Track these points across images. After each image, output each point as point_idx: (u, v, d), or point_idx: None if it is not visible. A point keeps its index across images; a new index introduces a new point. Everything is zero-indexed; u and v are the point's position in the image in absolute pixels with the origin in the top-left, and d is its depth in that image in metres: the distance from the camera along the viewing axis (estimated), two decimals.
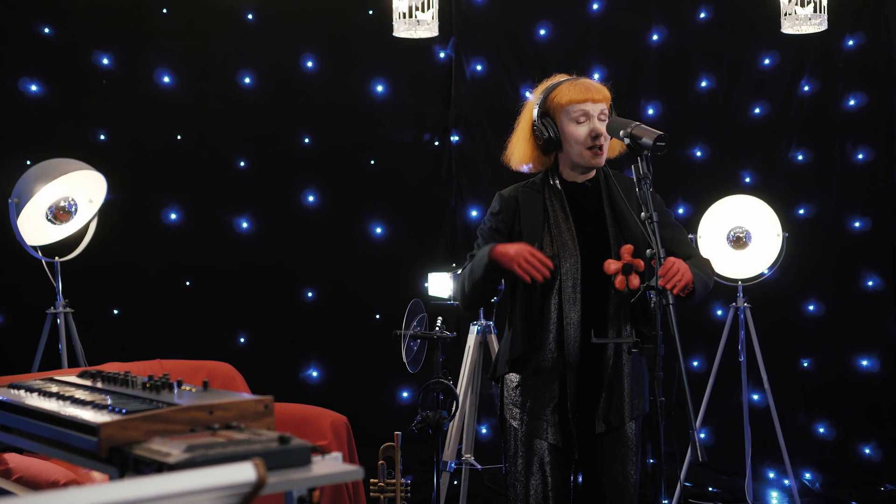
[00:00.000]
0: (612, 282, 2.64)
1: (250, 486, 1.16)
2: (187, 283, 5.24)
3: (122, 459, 1.47)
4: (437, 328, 4.02)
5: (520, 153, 2.96)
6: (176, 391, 1.72)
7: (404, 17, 4.41)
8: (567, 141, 2.84)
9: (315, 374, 5.40)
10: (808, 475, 5.36)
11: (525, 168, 3.04)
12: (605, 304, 2.75)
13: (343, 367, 5.41)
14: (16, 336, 4.85)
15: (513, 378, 2.84)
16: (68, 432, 1.57)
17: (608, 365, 2.75)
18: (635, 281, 2.60)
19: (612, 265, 2.62)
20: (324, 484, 1.38)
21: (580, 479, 2.84)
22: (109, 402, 1.62)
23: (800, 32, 4.41)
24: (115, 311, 5.11)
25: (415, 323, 3.89)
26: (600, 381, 2.76)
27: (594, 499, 2.80)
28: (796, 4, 4.35)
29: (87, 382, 1.88)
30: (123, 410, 1.55)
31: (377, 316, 5.49)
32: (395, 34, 4.42)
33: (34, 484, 2.95)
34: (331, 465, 1.42)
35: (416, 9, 4.43)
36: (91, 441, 1.50)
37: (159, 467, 1.37)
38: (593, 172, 2.90)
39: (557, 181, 2.89)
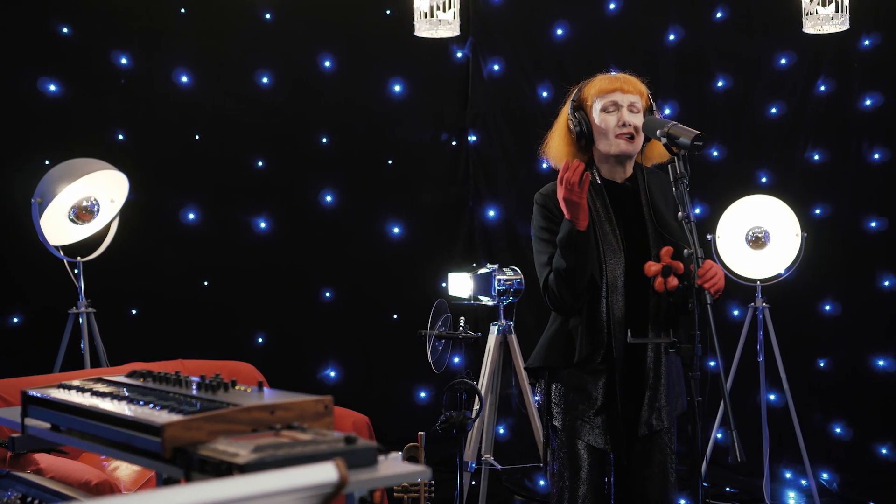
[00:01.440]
0: (651, 283, 2.64)
1: (332, 486, 1.16)
2: (205, 284, 5.23)
3: (186, 460, 1.46)
4: (461, 328, 4.02)
5: (555, 148, 2.97)
6: (231, 391, 1.72)
7: (426, 16, 4.41)
8: (597, 131, 2.85)
9: (333, 374, 5.39)
10: (825, 475, 5.36)
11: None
12: (646, 303, 2.76)
13: (361, 368, 5.40)
14: (34, 336, 4.84)
15: (554, 377, 2.84)
16: (128, 432, 1.56)
17: (649, 365, 2.75)
18: (674, 283, 2.60)
19: (652, 267, 2.62)
20: (393, 484, 1.38)
21: (621, 479, 2.84)
22: (168, 402, 1.62)
23: (821, 32, 4.41)
24: (133, 311, 5.11)
25: (439, 323, 3.89)
26: (642, 383, 2.76)
27: (636, 500, 2.80)
28: (818, 4, 4.35)
29: (138, 382, 1.88)
30: (185, 411, 1.54)
31: (394, 316, 5.48)
32: (417, 34, 4.41)
33: (66, 484, 2.95)
34: (397, 466, 1.42)
35: (437, 8, 4.43)
36: (154, 441, 1.49)
37: (228, 468, 1.37)
38: (630, 170, 2.90)
39: (597, 178, 2.88)
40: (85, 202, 4.26)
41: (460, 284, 4.48)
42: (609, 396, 2.75)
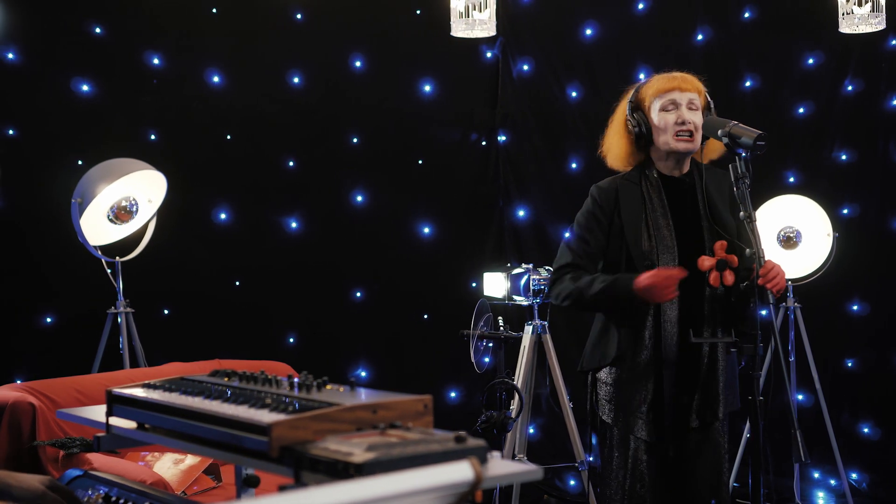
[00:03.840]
0: (706, 278, 2.64)
1: (468, 484, 1.17)
2: (237, 284, 5.24)
3: (295, 459, 1.46)
4: (502, 328, 4.03)
5: (615, 149, 2.98)
6: (324, 390, 1.72)
7: (461, 16, 4.41)
8: (656, 130, 2.86)
9: (364, 374, 5.40)
10: (854, 475, 5.36)
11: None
12: (700, 301, 2.76)
13: (392, 367, 5.41)
14: (68, 336, 4.84)
15: (605, 374, 2.85)
16: (230, 431, 1.57)
17: (703, 362, 2.76)
18: (729, 277, 2.60)
19: (706, 261, 2.62)
20: (505, 483, 1.38)
21: (673, 475, 2.84)
22: (266, 401, 1.62)
23: (857, 32, 4.41)
24: (166, 311, 5.11)
25: (481, 323, 3.89)
26: (695, 378, 2.77)
27: (689, 495, 2.81)
28: (854, 4, 4.35)
29: (224, 381, 1.89)
30: (288, 410, 1.54)
31: (425, 316, 5.49)
32: (453, 34, 4.42)
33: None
34: (508, 465, 1.42)
35: (473, 8, 4.44)
36: (260, 441, 1.49)
37: (345, 467, 1.37)
38: (687, 167, 2.92)
39: (655, 173, 2.89)
40: (124, 202, 4.27)
41: (495, 284, 4.49)
42: (659, 392, 2.76)
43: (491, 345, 4.10)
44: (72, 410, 2.05)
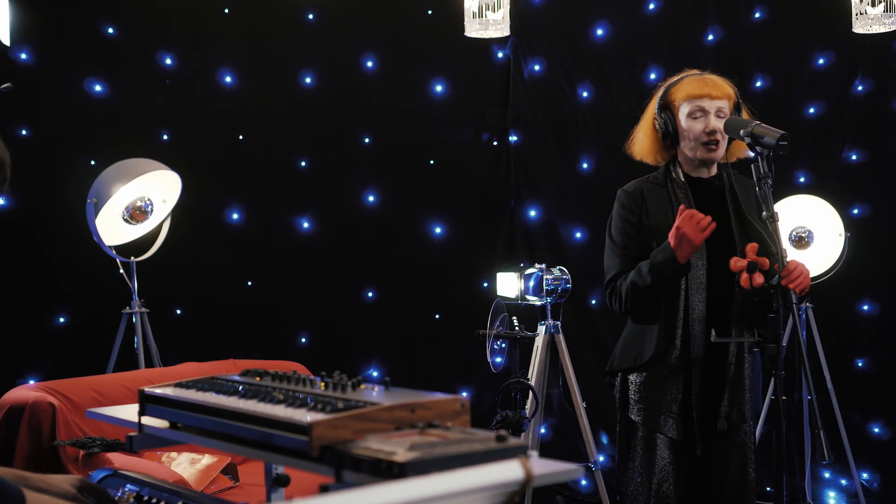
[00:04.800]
0: (736, 280, 2.65)
1: (519, 483, 1.17)
2: (249, 284, 5.24)
3: (336, 458, 1.46)
4: (517, 328, 4.03)
5: (640, 145, 2.98)
6: (358, 390, 1.72)
7: (475, 16, 4.42)
8: (682, 136, 2.87)
9: (376, 373, 5.40)
10: (865, 475, 5.36)
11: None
12: (729, 302, 2.77)
13: (403, 367, 5.41)
14: (81, 336, 4.85)
15: (635, 374, 2.85)
16: (269, 431, 1.57)
17: (731, 362, 2.76)
18: (759, 279, 2.60)
19: (737, 263, 2.62)
20: (548, 483, 1.38)
21: (699, 475, 2.85)
22: (303, 400, 1.62)
23: (871, 32, 4.41)
24: (178, 311, 5.12)
25: (497, 323, 3.90)
26: (723, 379, 2.77)
27: (715, 496, 2.81)
28: (868, 4, 4.35)
29: (257, 381, 1.89)
30: (327, 409, 1.55)
31: (437, 316, 5.50)
32: (467, 34, 4.43)
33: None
34: (551, 464, 1.42)
35: (487, 8, 4.45)
36: (300, 440, 1.49)
37: (388, 466, 1.37)
38: (716, 169, 2.92)
39: (681, 175, 2.90)
40: (139, 202, 4.27)
41: (508, 284, 4.49)
42: (687, 392, 2.77)
43: (503, 345, 4.10)
44: (102, 410, 2.05)
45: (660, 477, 2.79)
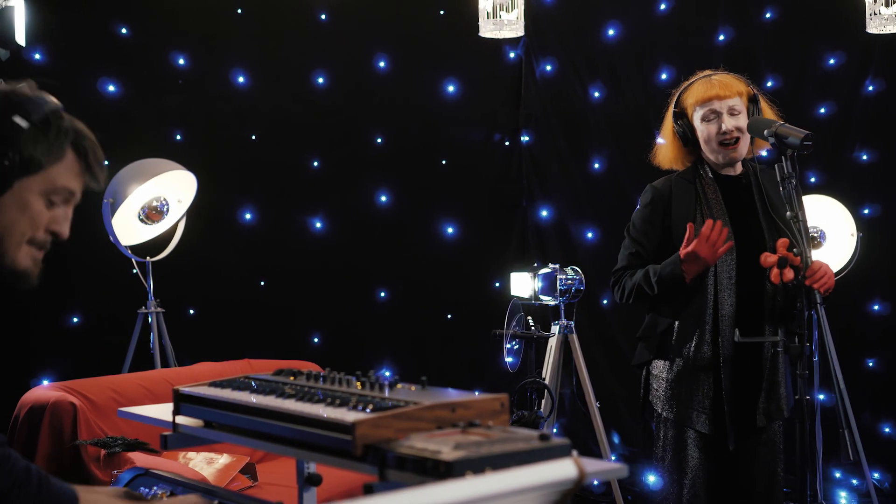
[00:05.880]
0: (766, 276, 2.65)
1: (572, 482, 1.18)
2: (262, 283, 5.25)
3: (380, 457, 1.47)
4: (532, 328, 4.04)
5: (664, 154, 3.00)
6: (396, 389, 1.73)
7: (489, 17, 4.43)
8: (700, 139, 2.88)
9: (388, 374, 5.40)
10: (876, 475, 5.37)
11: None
12: (759, 298, 2.77)
13: (416, 367, 5.42)
14: (95, 336, 4.85)
15: (661, 368, 2.85)
16: (308, 430, 1.58)
17: (766, 358, 2.77)
18: (789, 274, 2.60)
19: (769, 258, 2.62)
20: (599, 480, 1.39)
21: (728, 472, 2.85)
22: (343, 399, 1.63)
23: (884, 32, 4.42)
24: (191, 311, 5.12)
25: (514, 323, 3.90)
26: (759, 375, 2.78)
27: (744, 494, 2.82)
28: (881, 4, 4.36)
29: (291, 380, 1.89)
30: (369, 408, 1.55)
31: (449, 316, 5.50)
32: (481, 34, 4.43)
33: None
34: (598, 463, 1.43)
35: (501, 8, 4.45)
36: (342, 439, 1.49)
37: (434, 465, 1.38)
38: (740, 167, 2.94)
39: (709, 172, 2.91)
40: (155, 202, 4.28)
41: (522, 284, 4.49)
42: (718, 388, 2.77)
43: (517, 345, 4.11)
44: (133, 409, 2.06)
45: (691, 477, 2.80)
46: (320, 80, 5.35)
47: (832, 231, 4.88)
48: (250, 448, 3.78)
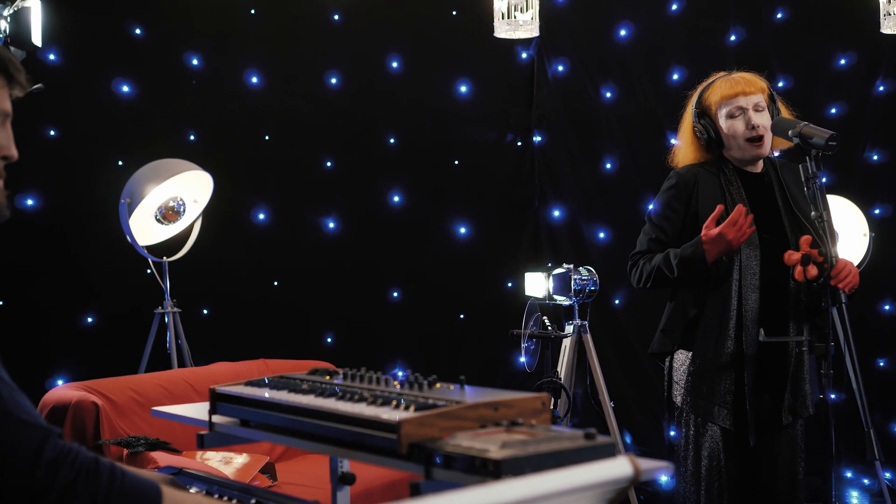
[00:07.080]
0: (790, 274, 2.66)
1: (627, 480, 1.19)
2: (275, 284, 5.26)
3: (425, 456, 1.47)
4: (549, 328, 4.05)
5: (684, 155, 3.00)
6: (435, 388, 1.74)
7: (504, 17, 4.43)
8: (726, 137, 2.88)
9: (401, 374, 5.41)
10: (888, 475, 5.37)
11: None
12: (783, 295, 2.78)
13: (429, 367, 5.40)
14: (110, 336, 4.86)
15: (684, 360, 2.86)
16: (351, 429, 1.58)
17: (791, 355, 2.78)
18: (813, 271, 2.61)
19: (792, 256, 2.64)
20: (649, 478, 1.40)
21: (750, 469, 2.86)
22: (385, 399, 1.64)
23: None
24: (205, 311, 5.13)
25: (531, 323, 3.91)
26: (784, 372, 2.79)
27: (764, 490, 2.83)
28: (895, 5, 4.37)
29: (327, 379, 1.90)
30: (412, 407, 1.56)
31: (461, 316, 5.51)
32: (496, 35, 4.44)
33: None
34: (648, 462, 1.43)
35: (515, 9, 4.46)
36: (387, 438, 1.50)
37: (482, 464, 1.38)
38: (761, 164, 2.94)
39: (732, 169, 2.92)
40: (171, 202, 4.29)
41: (536, 284, 4.50)
42: (740, 385, 2.78)
43: (531, 345, 4.11)
44: (167, 409, 2.07)
45: (714, 474, 2.81)
46: (333, 81, 5.36)
47: (845, 231, 4.88)
48: (273, 445, 3.76)
